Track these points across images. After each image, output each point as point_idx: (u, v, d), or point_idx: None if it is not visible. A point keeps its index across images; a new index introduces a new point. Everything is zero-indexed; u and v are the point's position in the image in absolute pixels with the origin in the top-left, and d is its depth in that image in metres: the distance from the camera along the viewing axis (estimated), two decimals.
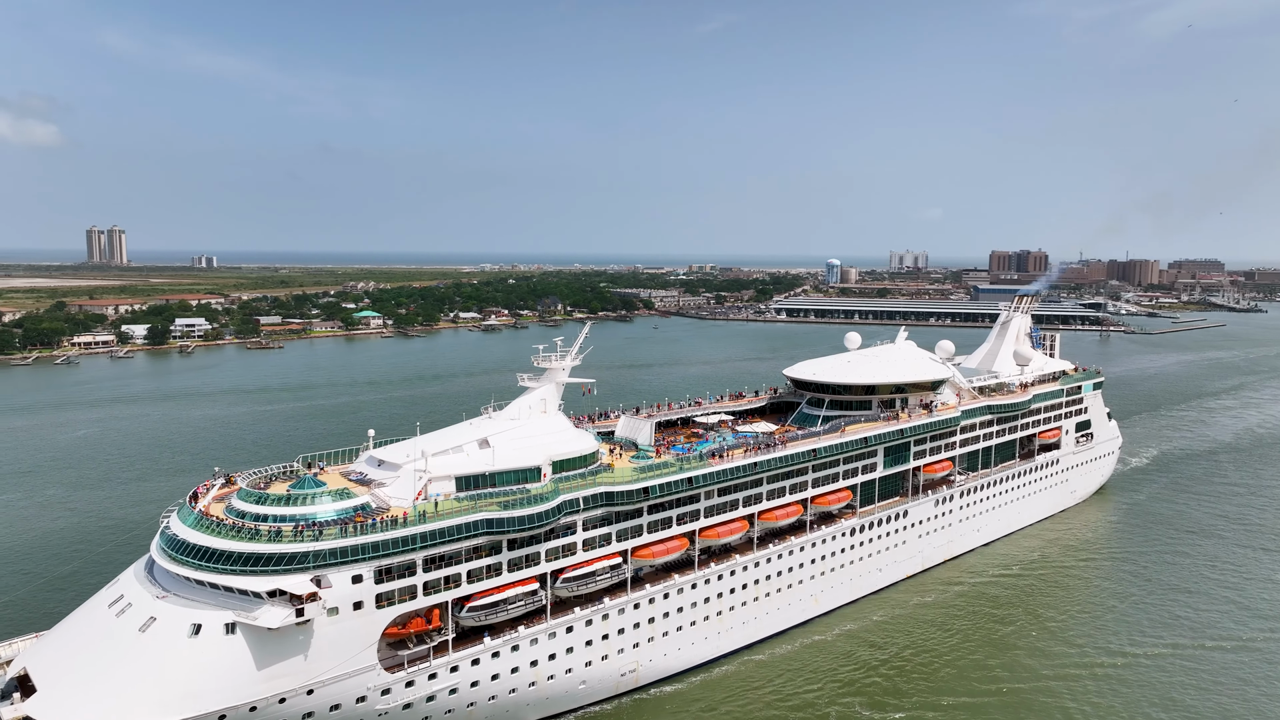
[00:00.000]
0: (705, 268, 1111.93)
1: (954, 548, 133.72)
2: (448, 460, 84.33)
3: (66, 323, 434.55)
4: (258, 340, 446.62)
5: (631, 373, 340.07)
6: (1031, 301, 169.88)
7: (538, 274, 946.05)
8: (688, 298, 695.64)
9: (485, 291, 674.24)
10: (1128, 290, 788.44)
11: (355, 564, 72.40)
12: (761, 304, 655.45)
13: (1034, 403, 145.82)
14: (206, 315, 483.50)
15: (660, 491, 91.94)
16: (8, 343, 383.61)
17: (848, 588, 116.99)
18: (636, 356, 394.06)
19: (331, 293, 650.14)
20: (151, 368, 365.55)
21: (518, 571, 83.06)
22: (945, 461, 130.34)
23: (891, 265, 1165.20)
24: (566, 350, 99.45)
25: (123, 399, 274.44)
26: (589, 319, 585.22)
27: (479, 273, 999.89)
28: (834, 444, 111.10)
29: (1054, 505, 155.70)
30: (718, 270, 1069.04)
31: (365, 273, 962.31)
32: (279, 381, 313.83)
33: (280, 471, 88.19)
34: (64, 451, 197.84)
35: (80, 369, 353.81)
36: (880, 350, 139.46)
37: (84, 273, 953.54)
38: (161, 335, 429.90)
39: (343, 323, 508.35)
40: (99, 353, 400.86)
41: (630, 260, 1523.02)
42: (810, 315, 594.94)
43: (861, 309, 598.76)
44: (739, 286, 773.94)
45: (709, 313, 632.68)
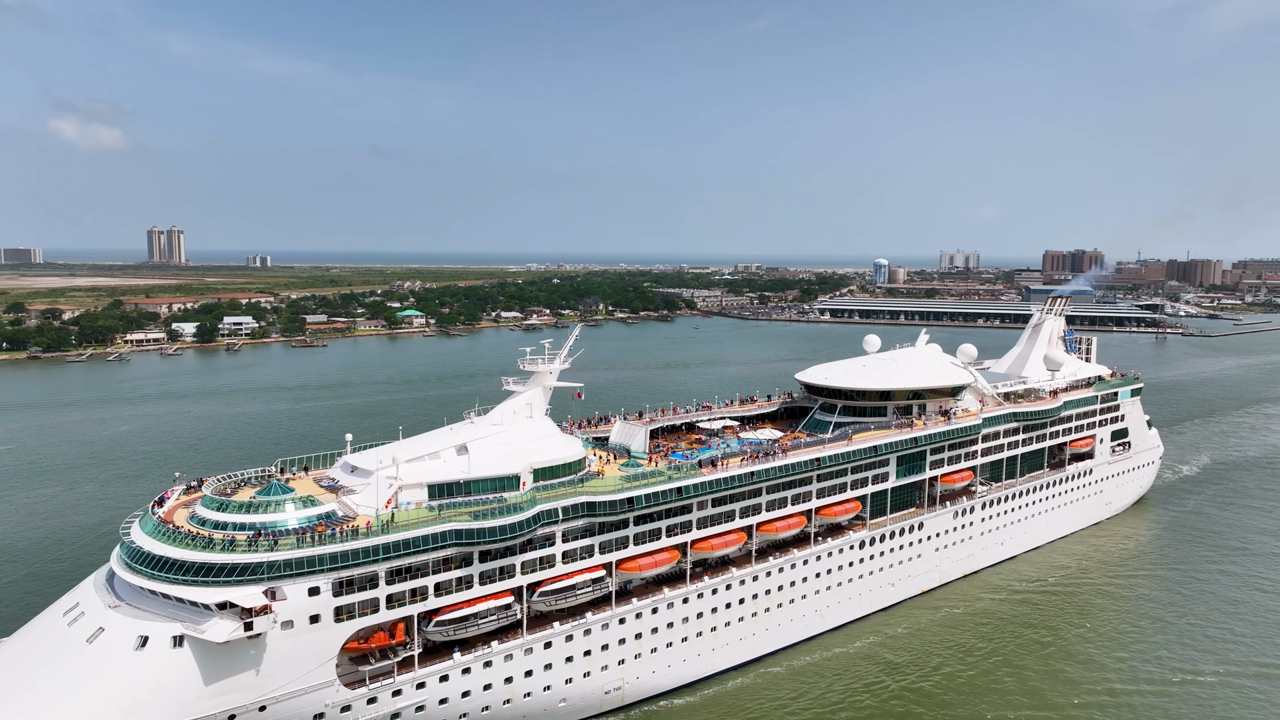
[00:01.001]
0: (751, 268, 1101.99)
1: (975, 562, 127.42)
2: (420, 467, 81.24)
3: (120, 321, 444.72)
4: (302, 339, 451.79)
5: (667, 373, 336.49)
6: (1066, 303, 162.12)
7: (583, 274, 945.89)
8: (730, 298, 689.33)
9: (529, 291, 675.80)
10: (1188, 291, 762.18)
11: (312, 575, 69.62)
12: (805, 304, 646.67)
13: (1064, 410, 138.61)
14: (254, 314, 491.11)
15: (646, 502, 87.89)
16: (64, 340, 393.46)
17: (857, 603, 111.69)
18: (674, 357, 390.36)
19: (378, 292, 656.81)
20: (198, 365, 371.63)
21: (490, 584, 79.68)
22: (965, 471, 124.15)
23: (942, 265, 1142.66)
24: (555, 353, 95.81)
25: (168, 395, 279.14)
26: (630, 318, 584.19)
27: (524, 272, 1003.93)
28: (840, 453, 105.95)
29: (1087, 518, 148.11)
30: (764, 270, 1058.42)
31: (413, 272, 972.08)
32: (318, 379, 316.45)
33: (257, 475, 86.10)
34: (105, 447, 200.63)
35: (130, 366, 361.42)
36: (898, 354, 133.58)
37: (144, 272, 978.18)
38: (210, 333, 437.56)
39: (386, 322, 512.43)
40: (149, 350, 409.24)
41: (676, 260, 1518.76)
42: (854, 316, 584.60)
43: (907, 309, 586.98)
44: (784, 286, 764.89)
45: (751, 313, 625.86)
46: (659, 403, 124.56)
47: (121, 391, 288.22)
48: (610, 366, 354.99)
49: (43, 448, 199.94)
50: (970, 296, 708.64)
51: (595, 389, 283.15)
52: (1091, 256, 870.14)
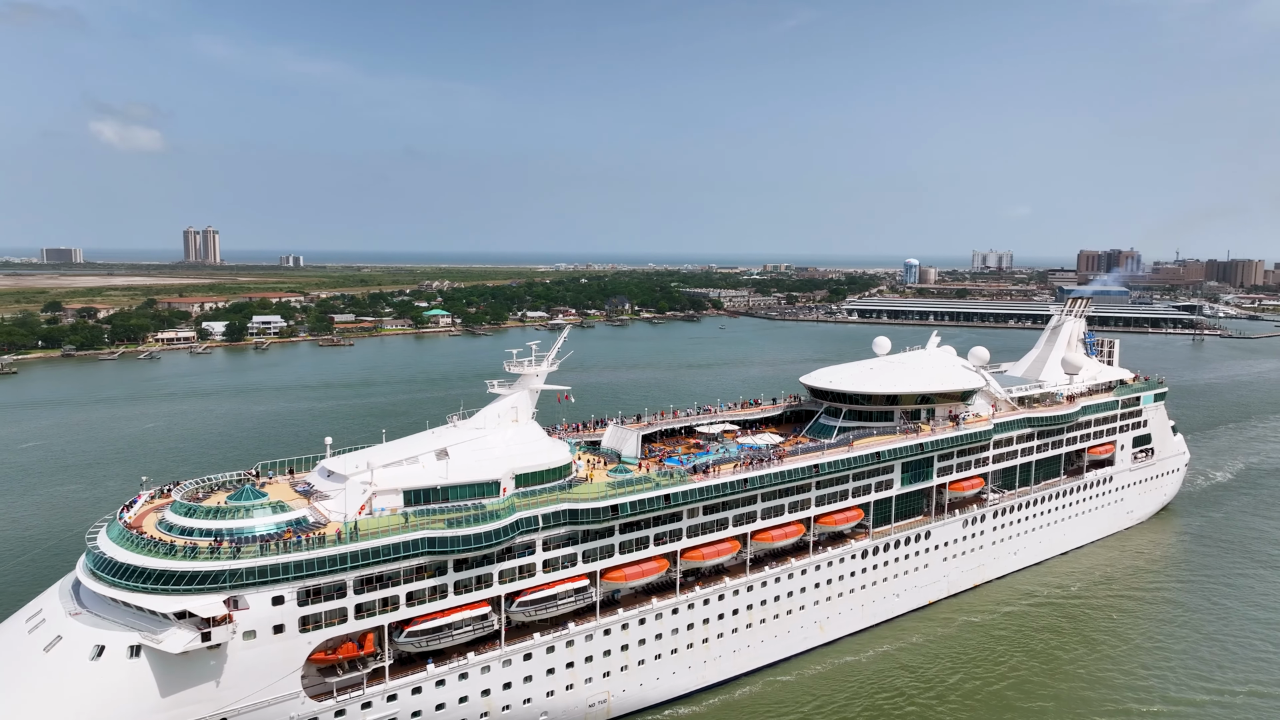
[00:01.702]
0: (780, 267, 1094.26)
1: (986, 572, 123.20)
2: (396, 472, 79.23)
3: (152, 319, 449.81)
4: (330, 338, 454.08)
5: (690, 373, 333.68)
6: (1086, 304, 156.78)
7: (611, 274, 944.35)
8: (758, 298, 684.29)
9: (556, 291, 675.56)
10: (1228, 292, 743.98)
11: (276, 584, 67.72)
12: (833, 305, 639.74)
13: (1082, 415, 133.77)
14: (283, 313, 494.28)
15: (632, 509, 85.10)
16: (97, 338, 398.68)
17: (859, 614, 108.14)
18: (697, 357, 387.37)
19: (407, 291, 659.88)
20: (226, 363, 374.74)
21: (466, 594, 77.37)
22: (976, 478, 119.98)
23: (974, 265, 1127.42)
24: (543, 355, 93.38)
25: (194, 393, 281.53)
26: (656, 318, 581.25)
27: (553, 272, 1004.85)
28: (839, 459, 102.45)
29: (1107, 526, 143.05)
30: (793, 270, 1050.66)
31: (442, 272, 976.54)
32: (341, 378, 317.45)
33: (235, 479, 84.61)
34: (129, 444, 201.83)
35: (160, 364, 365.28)
36: (907, 356, 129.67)
37: (179, 271, 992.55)
38: (239, 332, 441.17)
39: (412, 321, 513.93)
40: (180, 349, 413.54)
41: (705, 260, 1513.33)
42: (883, 316, 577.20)
43: (937, 310, 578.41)
44: (812, 286, 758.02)
45: (778, 313, 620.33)
46: (681, 403, 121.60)
47: (149, 389, 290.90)
48: (632, 367, 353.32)
49: (69, 444, 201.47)
50: (1002, 297, 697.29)
51: (614, 389, 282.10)
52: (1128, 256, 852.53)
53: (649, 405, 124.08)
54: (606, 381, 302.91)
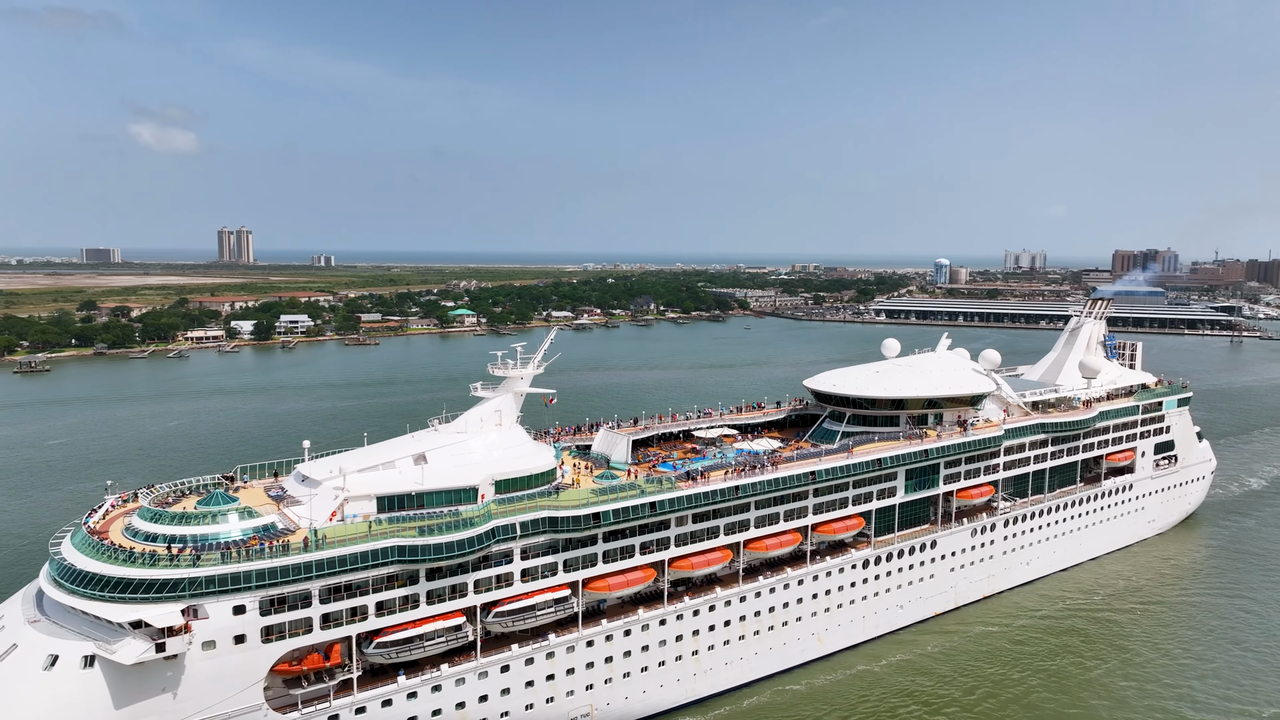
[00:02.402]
0: (809, 267, 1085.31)
1: (996, 583, 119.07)
2: (370, 478, 77.18)
3: (182, 318, 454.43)
4: (356, 337, 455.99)
5: (712, 373, 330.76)
6: (1106, 305, 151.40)
7: (638, 273, 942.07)
8: (785, 298, 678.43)
9: (582, 291, 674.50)
10: (1269, 292, 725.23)
11: (237, 593, 65.85)
12: (861, 305, 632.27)
13: (1100, 420, 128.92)
14: (310, 312, 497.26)
15: (615, 517, 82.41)
16: (128, 337, 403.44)
17: (860, 626, 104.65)
18: (720, 358, 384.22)
19: (434, 291, 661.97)
20: (253, 362, 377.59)
21: (439, 604, 75.10)
22: (985, 486, 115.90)
23: (1006, 265, 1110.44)
24: (529, 357, 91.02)
25: (220, 391, 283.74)
26: (681, 318, 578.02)
27: (581, 272, 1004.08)
28: (838, 466, 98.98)
29: (1127, 536, 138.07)
30: (821, 270, 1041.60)
31: (471, 271, 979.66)
32: (364, 377, 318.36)
33: (209, 483, 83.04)
34: (151, 442, 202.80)
35: (189, 362, 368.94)
36: (915, 359, 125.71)
37: (213, 271, 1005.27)
38: (266, 331, 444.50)
39: (438, 321, 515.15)
40: (208, 347, 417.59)
41: (734, 260, 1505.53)
42: (911, 317, 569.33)
43: (966, 310, 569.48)
44: (841, 287, 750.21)
45: (805, 313, 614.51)
46: (703, 403, 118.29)
47: (176, 387, 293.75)
48: (654, 367, 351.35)
49: (95, 442, 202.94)
50: (1034, 298, 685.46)
51: (634, 389, 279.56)
52: (1165, 256, 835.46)
53: (672, 406, 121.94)
54: (627, 382, 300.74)
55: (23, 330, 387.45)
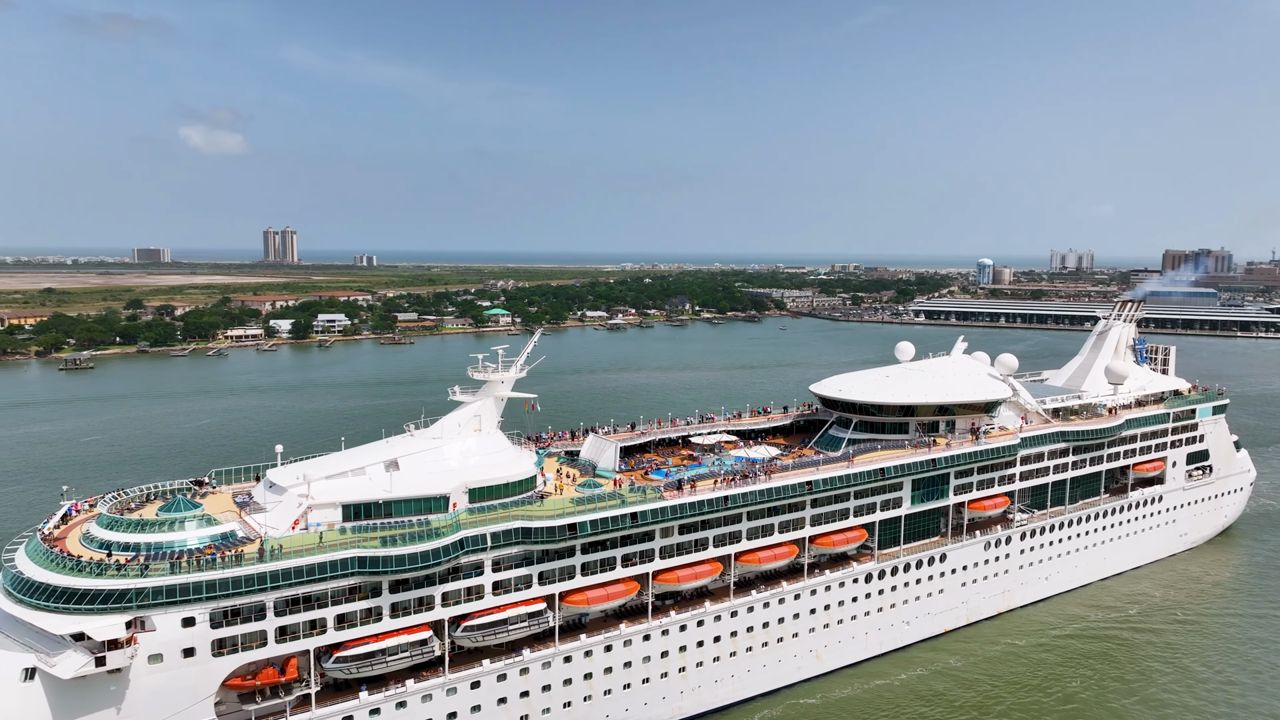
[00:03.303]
0: (849, 267, 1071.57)
1: (1012, 598, 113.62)
2: (336, 485, 74.65)
3: (222, 317, 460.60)
4: (391, 336, 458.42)
5: (744, 374, 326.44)
6: (1137, 307, 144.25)
7: (675, 273, 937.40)
8: (822, 298, 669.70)
9: (618, 290, 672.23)
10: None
11: (186, 605, 63.54)
12: (900, 306, 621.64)
13: (1126, 428, 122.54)
14: (348, 311, 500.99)
15: (593, 528, 78.97)
16: (170, 335, 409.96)
17: (862, 642, 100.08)
18: (753, 358, 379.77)
19: (472, 291, 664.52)
20: (290, 361, 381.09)
21: (404, 617, 72.27)
22: (1000, 497, 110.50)
23: (1052, 265, 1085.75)
24: (511, 360, 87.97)
25: (255, 389, 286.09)
26: (716, 319, 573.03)
27: (619, 272, 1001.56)
28: (836, 476, 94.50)
29: (1157, 550, 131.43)
30: (861, 270, 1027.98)
31: (509, 271, 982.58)
32: (396, 375, 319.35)
33: (177, 488, 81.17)
34: (184, 440, 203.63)
35: (227, 360, 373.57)
36: (928, 364, 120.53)
37: (258, 270, 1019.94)
38: (304, 330, 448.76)
39: (473, 320, 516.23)
40: (247, 346, 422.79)
41: (773, 260, 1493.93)
42: (951, 318, 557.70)
43: (1008, 312, 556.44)
44: (880, 287, 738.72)
45: (842, 314, 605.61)
46: (731, 405, 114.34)
47: (212, 385, 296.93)
48: (684, 368, 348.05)
49: (129, 439, 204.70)
50: (1080, 299, 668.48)
51: (661, 390, 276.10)
52: (1218, 256, 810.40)
53: (700, 408, 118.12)
54: (656, 383, 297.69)
55: (70, 328, 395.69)
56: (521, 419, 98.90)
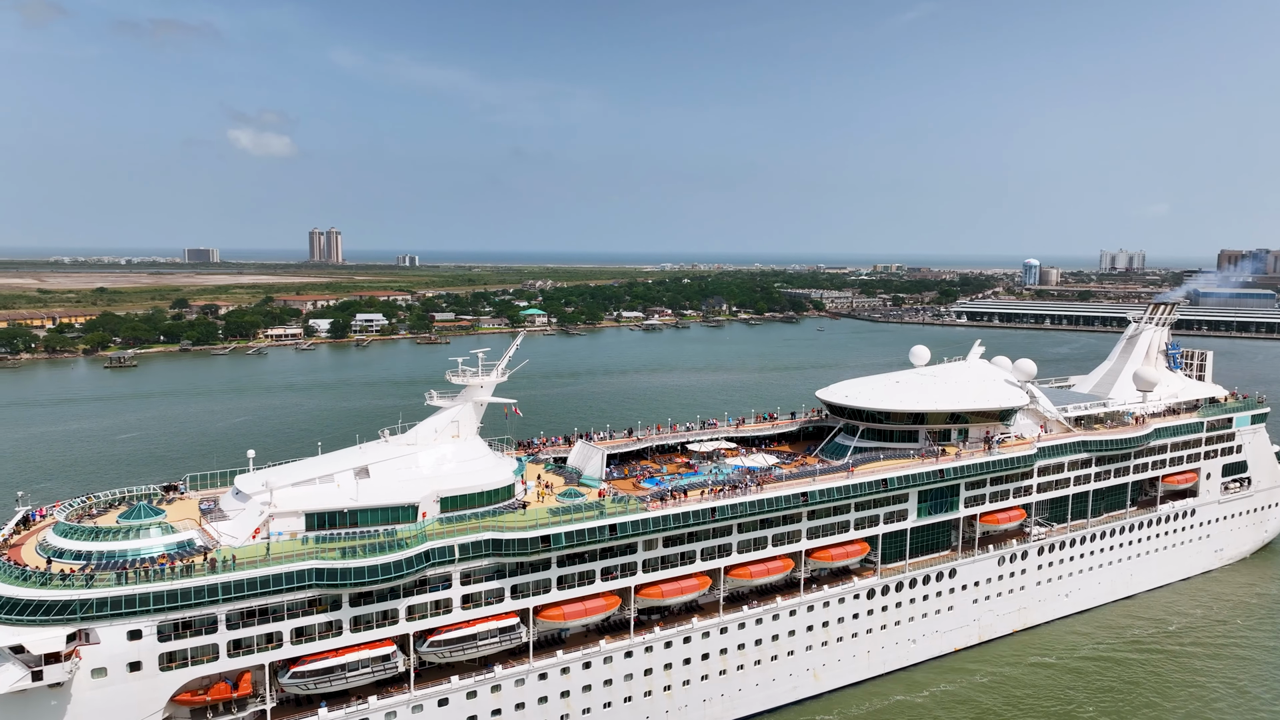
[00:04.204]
0: (891, 268, 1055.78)
1: (1029, 616, 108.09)
2: (298, 493, 72.16)
3: (263, 316, 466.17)
4: (427, 336, 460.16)
5: (777, 376, 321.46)
6: (1171, 310, 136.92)
7: (715, 273, 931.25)
8: (862, 299, 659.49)
9: (655, 291, 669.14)
10: None
11: (132, 617, 61.42)
12: (941, 307, 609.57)
13: (1154, 438, 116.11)
14: (386, 311, 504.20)
15: (568, 541, 75.62)
16: (211, 334, 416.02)
17: (863, 661, 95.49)
18: (787, 360, 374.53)
19: (509, 291, 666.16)
20: (327, 360, 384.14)
21: (366, 631, 69.57)
22: (1015, 509, 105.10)
23: (1101, 266, 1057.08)
24: (492, 364, 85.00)
25: (291, 388, 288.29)
26: (753, 319, 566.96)
27: (658, 272, 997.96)
28: (834, 488, 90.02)
29: (1189, 566, 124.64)
30: (904, 270, 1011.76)
31: (548, 271, 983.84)
32: (428, 375, 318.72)
33: (155, 492, 79.49)
34: (217, 438, 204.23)
35: (266, 359, 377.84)
36: (941, 369, 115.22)
37: (303, 271, 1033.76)
38: (342, 330, 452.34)
39: (509, 320, 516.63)
40: (286, 345, 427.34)
41: (815, 260, 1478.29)
42: (994, 319, 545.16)
43: (1053, 313, 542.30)
44: (922, 288, 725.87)
45: (882, 315, 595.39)
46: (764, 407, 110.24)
47: (250, 383, 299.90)
48: (716, 369, 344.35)
49: (163, 437, 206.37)
50: (1130, 300, 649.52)
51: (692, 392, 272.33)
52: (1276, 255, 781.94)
53: (730, 410, 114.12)
54: (687, 384, 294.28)
55: (116, 327, 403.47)
56: (515, 424, 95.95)
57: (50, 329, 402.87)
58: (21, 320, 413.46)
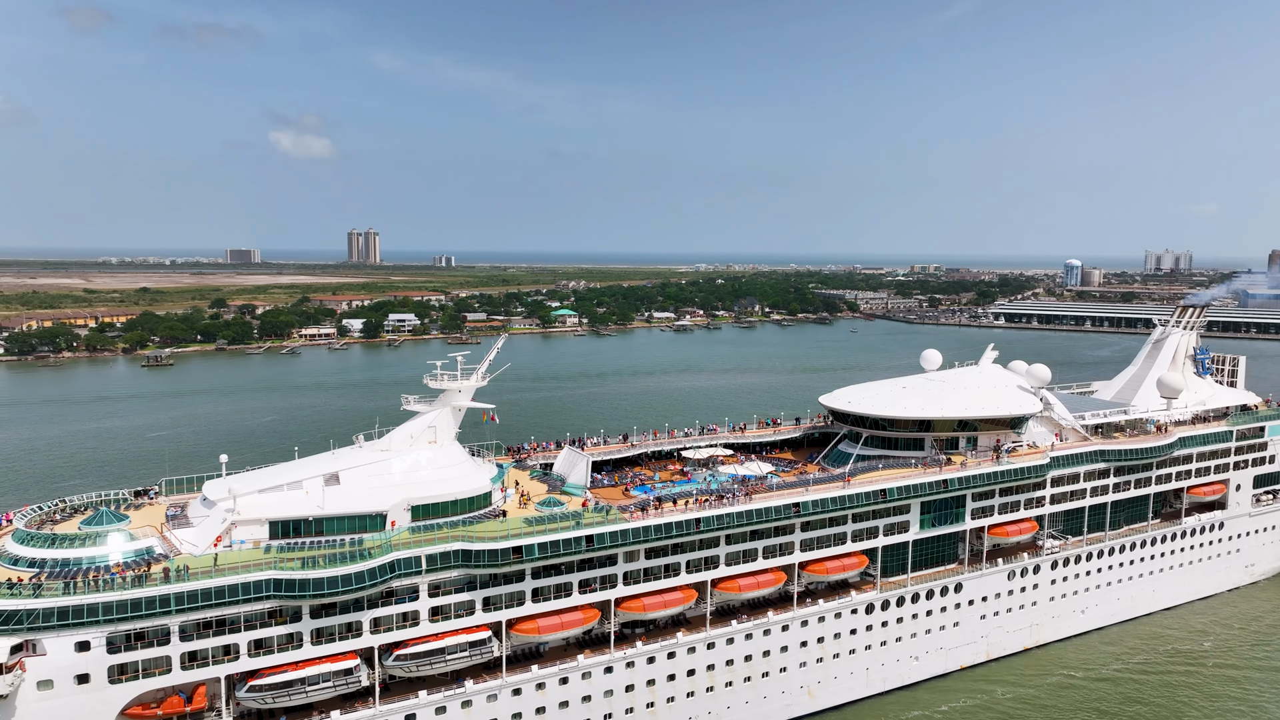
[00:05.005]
0: (929, 268, 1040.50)
1: (1042, 633, 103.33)
2: (263, 500, 70.22)
3: (299, 316, 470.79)
4: (459, 335, 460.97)
5: (807, 378, 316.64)
6: (1200, 313, 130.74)
7: (749, 274, 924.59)
8: (898, 300, 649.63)
9: (688, 291, 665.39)
10: None
11: (80, 628, 59.76)
12: (979, 308, 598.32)
13: (1180, 447, 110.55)
14: (419, 311, 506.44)
15: (541, 552, 72.84)
16: (246, 333, 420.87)
17: (862, 678, 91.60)
18: (819, 361, 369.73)
19: (543, 291, 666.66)
20: (359, 360, 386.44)
21: (329, 644, 67.37)
22: (1026, 522, 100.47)
23: (1146, 266, 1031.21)
24: (472, 368, 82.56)
25: (321, 387, 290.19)
26: (786, 320, 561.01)
27: (692, 272, 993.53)
28: (829, 497, 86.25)
29: (1217, 582, 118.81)
30: (942, 271, 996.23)
31: (582, 272, 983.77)
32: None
33: (123, 497, 78.16)
34: (244, 438, 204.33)
35: (300, 359, 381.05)
36: (950, 374, 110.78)
37: (341, 271, 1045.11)
38: (375, 329, 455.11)
39: (540, 320, 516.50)
40: (320, 344, 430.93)
41: (851, 260, 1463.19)
42: (1033, 321, 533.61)
43: (1095, 315, 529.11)
44: (960, 289, 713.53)
45: (918, 316, 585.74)
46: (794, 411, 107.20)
47: (281, 382, 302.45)
48: (746, 370, 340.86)
49: (191, 435, 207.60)
50: (1175, 301, 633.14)
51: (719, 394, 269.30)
52: None
53: (759, 412, 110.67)
54: (716, 386, 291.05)
55: (154, 326, 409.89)
56: (509, 430, 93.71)
57: (91, 328, 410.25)
58: (65, 319, 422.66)
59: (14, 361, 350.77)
